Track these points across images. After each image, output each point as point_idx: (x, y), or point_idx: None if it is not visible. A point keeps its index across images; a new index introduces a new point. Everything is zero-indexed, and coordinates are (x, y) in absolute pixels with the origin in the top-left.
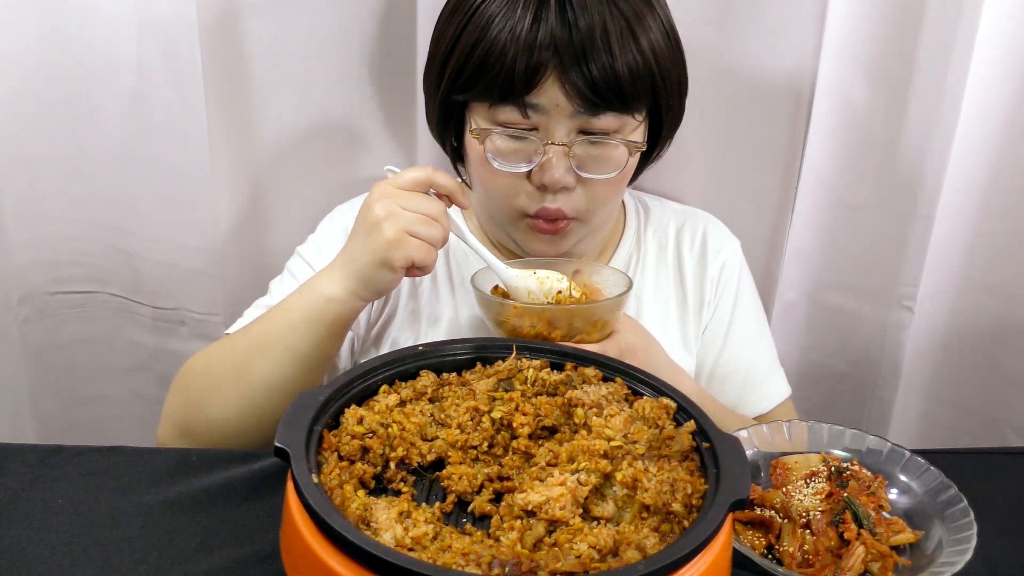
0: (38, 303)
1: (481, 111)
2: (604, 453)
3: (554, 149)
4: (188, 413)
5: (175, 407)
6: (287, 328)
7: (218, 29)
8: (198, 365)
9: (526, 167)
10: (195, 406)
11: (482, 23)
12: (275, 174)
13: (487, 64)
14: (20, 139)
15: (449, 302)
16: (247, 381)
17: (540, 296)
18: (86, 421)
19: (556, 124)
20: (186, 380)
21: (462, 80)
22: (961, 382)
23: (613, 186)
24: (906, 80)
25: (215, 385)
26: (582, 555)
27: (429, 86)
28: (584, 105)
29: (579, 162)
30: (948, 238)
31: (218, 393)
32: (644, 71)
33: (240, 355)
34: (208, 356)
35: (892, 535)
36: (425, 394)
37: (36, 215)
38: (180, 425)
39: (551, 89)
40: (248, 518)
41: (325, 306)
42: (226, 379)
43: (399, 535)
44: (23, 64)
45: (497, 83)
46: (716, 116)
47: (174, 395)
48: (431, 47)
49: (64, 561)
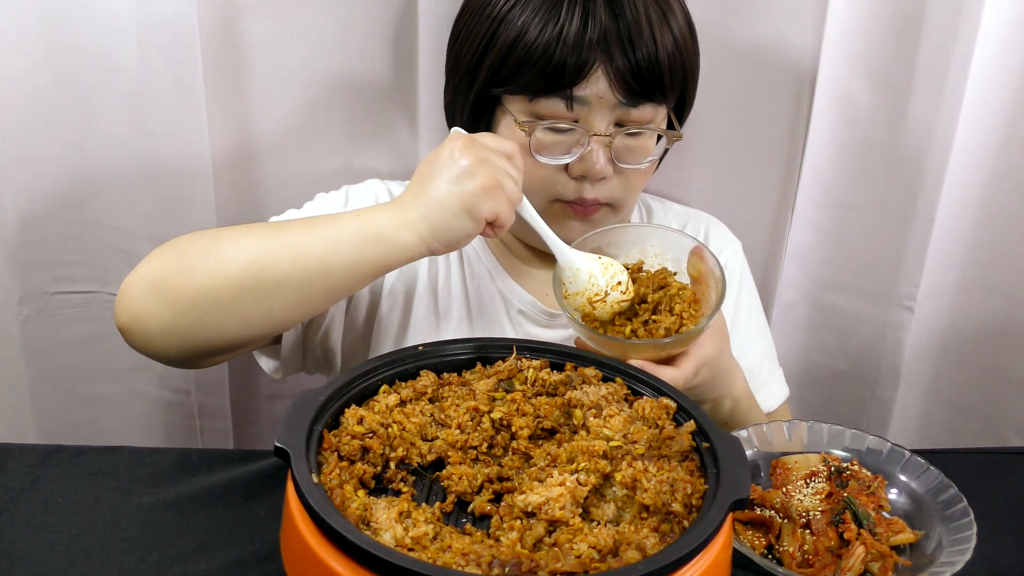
0: (38, 303)
1: (519, 105)
2: (604, 453)
3: (596, 140)
4: (175, 275)
5: (162, 264)
6: (333, 258)
7: (218, 29)
8: (206, 239)
9: (567, 159)
10: (186, 274)
11: (522, 18)
12: (275, 174)
13: (530, 59)
14: (20, 139)
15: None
16: (264, 288)
17: (600, 282)
18: (86, 421)
19: (598, 116)
20: (186, 246)
21: (502, 75)
22: (961, 382)
23: (644, 175)
24: (906, 80)
25: (223, 272)
26: (582, 555)
27: (459, 84)
28: (627, 95)
29: (617, 153)
30: (948, 238)
31: (224, 279)
32: (678, 59)
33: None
34: (221, 238)
35: (892, 535)
36: (425, 394)
37: (36, 215)
38: (159, 285)
39: (598, 81)
40: (248, 518)
41: (387, 250)
42: (242, 274)
43: (399, 535)
44: (23, 64)
45: (544, 76)
46: (717, 116)
47: (164, 253)
48: (459, 45)
49: (64, 561)
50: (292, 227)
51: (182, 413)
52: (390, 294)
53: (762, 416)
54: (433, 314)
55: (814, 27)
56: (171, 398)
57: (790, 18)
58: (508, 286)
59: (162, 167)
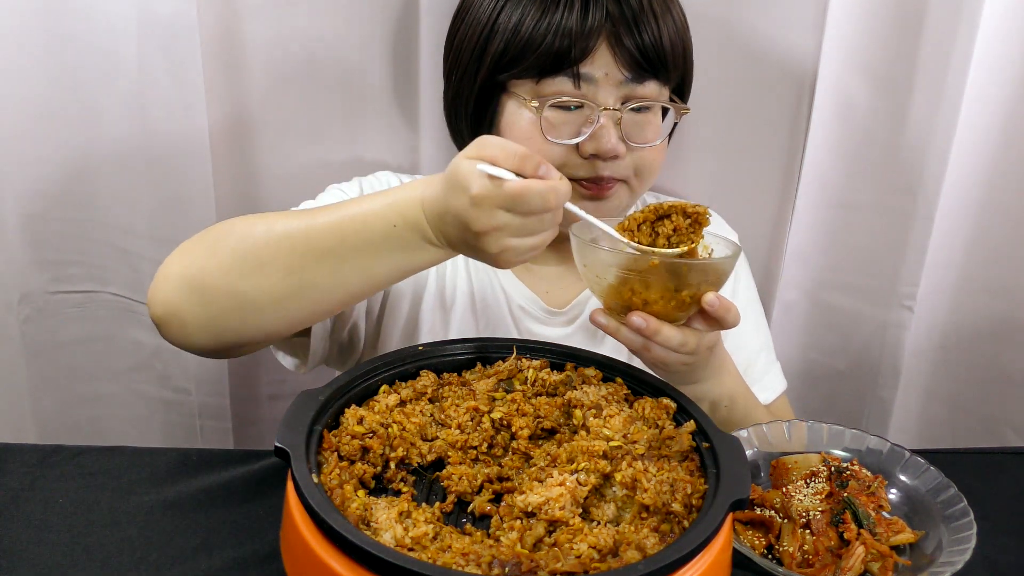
0: (38, 303)
1: (526, 87)
2: (604, 453)
3: (606, 116)
4: (214, 274)
5: (198, 259)
6: (369, 250)
7: (218, 29)
8: (240, 229)
9: (579, 138)
10: (222, 271)
11: (523, 5)
12: (275, 173)
13: (535, 39)
14: (20, 139)
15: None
16: (298, 279)
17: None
18: (86, 421)
19: (605, 94)
20: (218, 238)
21: (507, 59)
22: (961, 381)
23: (656, 155)
24: (906, 80)
25: (257, 262)
26: (582, 555)
27: (463, 76)
28: (633, 72)
29: (627, 131)
30: (948, 238)
31: (259, 272)
32: (679, 39)
33: (301, 252)
34: (254, 227)
35: (892, 535)
36: (425, 394)
37: (36, 215)
38: (195, 283)
39: (603, 57)
40: (248, 518)
41: (419, 258)
42: (274, 265)
43: (399, 535)
44: (23, 64)
45: (550, 55)
46: (717, 116)
47: (196, 246)
48: (459, 40)
49: (64, 561)
50: (330, 239)
51: (182, 413)
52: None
53: (764, 413)
54: (440, 307)
55: (814, 27)
56: (171, 398)
57: (790, 18)
58: (510, 282)
59: (162, 166)
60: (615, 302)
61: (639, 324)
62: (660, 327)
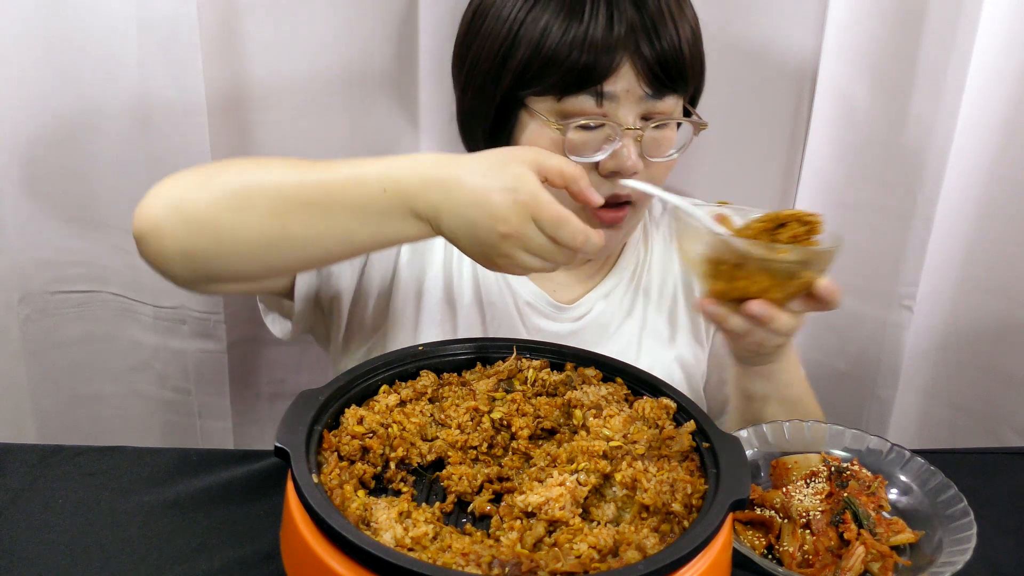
0: (38, 303)
1: (546, 105)
2: (604, 453)
3: (628, 135)
4: (196, 198)
5: (187, 184)
6: (353, 209)
7: (218, 29)
8: (238, 165)
9: (599, 156)
10: (210, 201)
11: (545, 17)
12: None
13: (558, 59)
14: (20, 139)
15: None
16: (281, 223)
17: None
18: (86, 421)
19: (625, 111)
20: (216, 170)
21: (528, 77)
22: (960, 382)
23: (668, 168)
24: (906, 80)
25: (246, 198)
26: (582, 555)
27: (481, 90)
28: (653, 86)
29: (645, 147)
30: (948, 238)
31: (245, 208)
32: (695, 48)
33: (287, 196)
34: (251, 166)
35: (892, 535)
36: (425, 394)
37: (36, 215)
38: (179, 203)
39: (626, 74)
40: (248, 518)
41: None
42: (260, 204)
43: (399, 535)
44: (23, 63)
45: (575, 75)
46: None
47: (192, 173)
48: (475, 51)
49: (64, 561)
50: (322, 194)
51: (182, 412)
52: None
53: (812, 396)
54: (446, 301)
55: (814, 27)
56: (171, 397)
57: (790, 18)
58: (517, 278)
59: (162, 167)
60: (723, 291)
61: (761, 312)
62: (777, 314)
